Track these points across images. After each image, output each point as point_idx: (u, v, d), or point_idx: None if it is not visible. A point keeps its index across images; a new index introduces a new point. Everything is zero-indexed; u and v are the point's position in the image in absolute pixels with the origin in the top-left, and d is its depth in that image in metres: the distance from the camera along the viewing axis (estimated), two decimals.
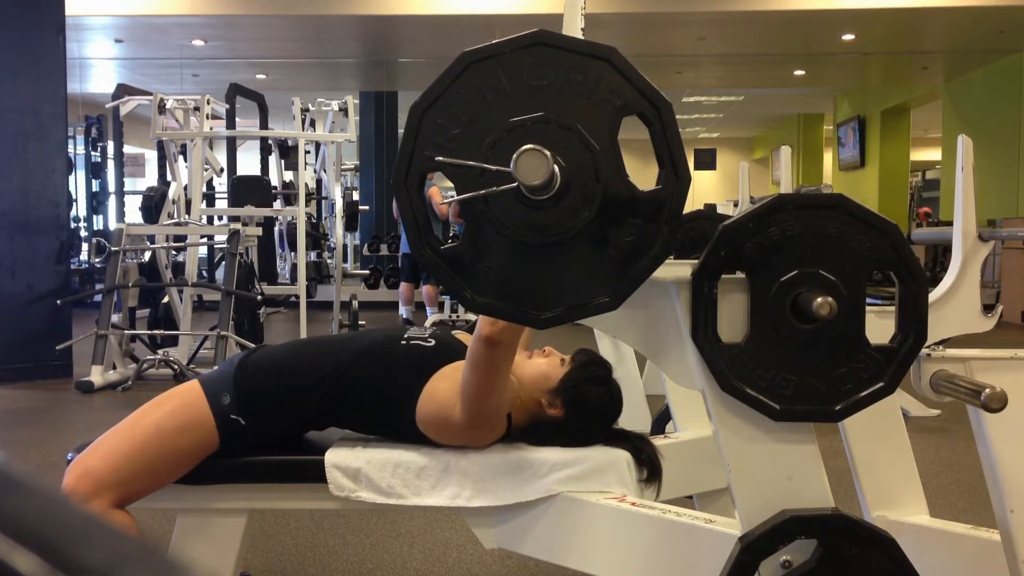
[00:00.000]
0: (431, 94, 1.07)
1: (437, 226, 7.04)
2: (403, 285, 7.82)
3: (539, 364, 1.62)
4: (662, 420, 2.52)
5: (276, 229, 8.19)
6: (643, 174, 1.09)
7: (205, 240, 5.96)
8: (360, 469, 1.53)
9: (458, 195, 1.07)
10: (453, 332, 1.72)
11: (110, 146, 9.75)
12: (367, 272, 9.90)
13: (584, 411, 1.59)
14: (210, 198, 8.29)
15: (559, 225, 1.07)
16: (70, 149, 8.45)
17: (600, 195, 1.07)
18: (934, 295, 1.54)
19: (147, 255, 5.77)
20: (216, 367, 1.89)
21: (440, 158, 1.07)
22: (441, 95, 1.06)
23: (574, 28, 1.25)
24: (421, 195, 1.10)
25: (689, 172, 1.09)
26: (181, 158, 6.89)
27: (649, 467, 1.58)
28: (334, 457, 1.55)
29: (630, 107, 1.06)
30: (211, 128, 6.57)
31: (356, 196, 10.95)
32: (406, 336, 1.65)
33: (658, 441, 1.77)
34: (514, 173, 1.01)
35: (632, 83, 1.06)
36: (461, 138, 1.07)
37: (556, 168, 1.04)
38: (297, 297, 6.27)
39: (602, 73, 1.05)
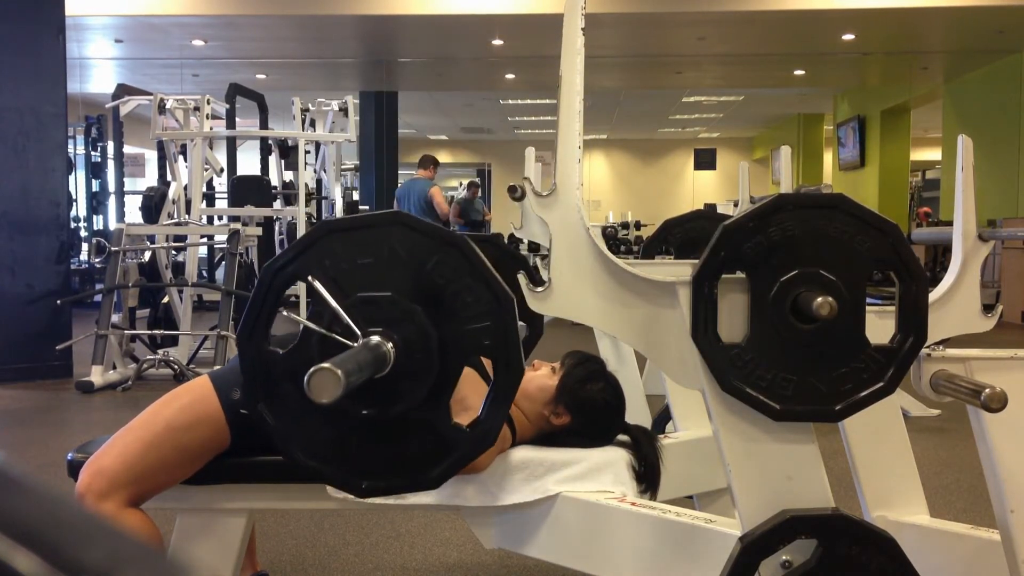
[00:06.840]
0: (349, 223, 1.13)
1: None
2: None
3: (532, 379, 1.62)
4: (662, 420, 2.52)
5: (276, 229, 8.19)
6: (643, 174, 1.09)
7: (205, 240, 5.96)
8: None
9: (305, 320, 1.12)
10: None
11: (110, 146, 9.74)
12: None
13: (589, 410, 1.59)
14: (210, 198, 8.29)
15: (386, 402, 1.13)
16: (70, 149, 8.44)
17: (432, 380, 1.13)
18: (934, 295, 1.54)
19: (147, 255, 5.76)
20: (220, 366, 1.88)
21: (312, 279, 1.11)
22: (358, 228, 1.13)
23: (574, 28, 1.24)
24: (267, 343, 1.15)
25: (522, 366, 1.16)
26: (181, 158, 6.89)
27: (647, 468, 1.57)
28: None
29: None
30: (211, 128, 6.57)
31: (356, 196, 10.96)
32: None
33: None
34: (306, 388, 0.97)
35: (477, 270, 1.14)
36: (346, 274, 1.12)
37: (392, 349, 1.09)
38: (297, 297, 6.26)
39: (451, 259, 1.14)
